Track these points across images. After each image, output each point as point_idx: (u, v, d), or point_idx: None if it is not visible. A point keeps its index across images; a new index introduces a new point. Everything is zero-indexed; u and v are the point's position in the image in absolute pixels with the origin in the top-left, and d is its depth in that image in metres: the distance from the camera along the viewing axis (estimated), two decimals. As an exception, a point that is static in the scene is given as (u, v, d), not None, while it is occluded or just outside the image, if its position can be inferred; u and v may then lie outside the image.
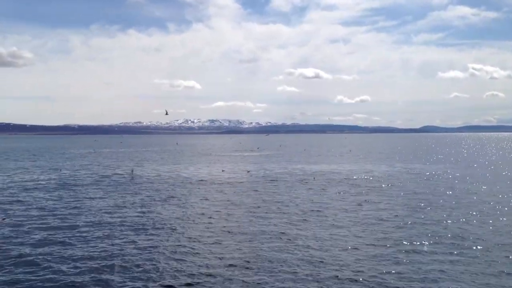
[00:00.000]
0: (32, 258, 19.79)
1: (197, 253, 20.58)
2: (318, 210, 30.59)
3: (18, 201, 34.98)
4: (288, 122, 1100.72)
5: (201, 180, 49.09)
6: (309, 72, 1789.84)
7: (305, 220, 27.51)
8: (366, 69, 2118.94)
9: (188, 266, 18.79)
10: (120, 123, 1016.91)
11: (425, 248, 20.96)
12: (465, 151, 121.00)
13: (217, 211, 30.46)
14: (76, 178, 51.38)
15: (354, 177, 51.65)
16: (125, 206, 32.56)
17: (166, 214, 29.51)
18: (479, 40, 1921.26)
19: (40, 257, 19.89)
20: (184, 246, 21.58)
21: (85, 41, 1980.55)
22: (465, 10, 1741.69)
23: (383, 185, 43.96)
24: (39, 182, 47.50)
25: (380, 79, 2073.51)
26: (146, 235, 23.91)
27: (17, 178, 51.58)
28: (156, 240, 22.73)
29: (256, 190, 40.71)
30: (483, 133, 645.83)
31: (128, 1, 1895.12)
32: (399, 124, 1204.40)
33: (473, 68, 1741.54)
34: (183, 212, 30.36)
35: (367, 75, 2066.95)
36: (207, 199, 35.79)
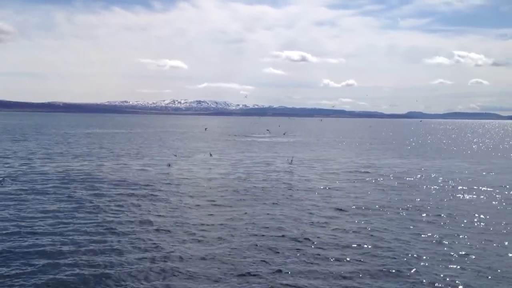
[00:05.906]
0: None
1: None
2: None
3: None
4: (275, 105, 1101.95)
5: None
6: (296, 55, 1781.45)
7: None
8: (352, 53, 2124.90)
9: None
10: (106, 102, 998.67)
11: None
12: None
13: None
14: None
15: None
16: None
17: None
18: (464, 27, 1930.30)
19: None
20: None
21: (69, 17, 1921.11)
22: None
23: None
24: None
25: (366, 63, 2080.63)
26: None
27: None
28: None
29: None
30: (467, 121, 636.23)
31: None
32: (384, 109, 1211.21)
33: (459, 55, 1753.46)
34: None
35: (353, 59, 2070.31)
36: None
